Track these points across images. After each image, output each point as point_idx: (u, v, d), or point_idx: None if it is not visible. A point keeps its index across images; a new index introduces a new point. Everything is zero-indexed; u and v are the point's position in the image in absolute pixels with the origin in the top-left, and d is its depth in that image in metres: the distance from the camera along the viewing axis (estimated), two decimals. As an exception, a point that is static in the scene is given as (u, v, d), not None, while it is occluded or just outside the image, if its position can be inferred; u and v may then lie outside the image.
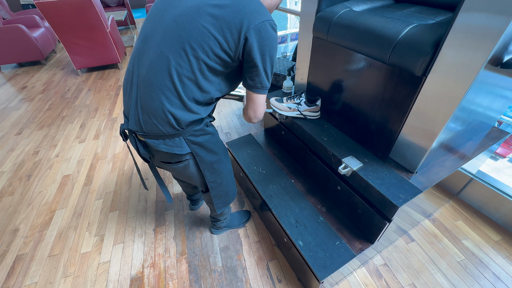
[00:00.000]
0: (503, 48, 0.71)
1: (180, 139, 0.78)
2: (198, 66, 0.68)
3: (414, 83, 0.88)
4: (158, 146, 0.77)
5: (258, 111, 0.83)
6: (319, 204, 1.28)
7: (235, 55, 0.70)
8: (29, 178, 1.88)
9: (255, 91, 0.78)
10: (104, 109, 2.70)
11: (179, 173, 0.91)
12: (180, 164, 0.85)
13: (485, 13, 0.65)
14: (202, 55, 0.67)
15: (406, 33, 0.84)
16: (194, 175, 0.92)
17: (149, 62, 0.70)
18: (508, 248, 1.30)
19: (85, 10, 2.89)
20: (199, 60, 0.68)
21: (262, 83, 0.76)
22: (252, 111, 0.83)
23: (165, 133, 0.75)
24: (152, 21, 0.73)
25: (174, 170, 0.89)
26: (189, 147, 0.81)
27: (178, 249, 1.39)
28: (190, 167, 0.88)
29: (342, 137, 1.22)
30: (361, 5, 1.12)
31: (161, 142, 0.77)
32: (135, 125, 0.76)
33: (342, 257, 1.06)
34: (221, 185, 1.01)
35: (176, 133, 0.76)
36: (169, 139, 0.77)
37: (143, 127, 0.75)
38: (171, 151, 0.79)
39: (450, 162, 1.07)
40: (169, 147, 0.78)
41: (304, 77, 1.42)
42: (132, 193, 1.72)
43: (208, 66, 0.70)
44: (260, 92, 0.78)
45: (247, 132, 2.22)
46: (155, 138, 0.76)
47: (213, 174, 0.95)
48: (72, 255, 1.39)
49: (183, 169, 0.88)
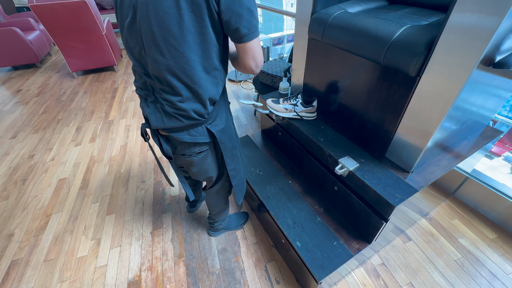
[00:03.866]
0: (495, 49, 0.72)
1: (203, 128, 0.80)
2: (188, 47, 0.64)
3: (409, 83, 0.89)
4: (183, 138, 0.79)
5: (258, 58, 0.71)
6: (316, 204, 1.28)
7: (212, 12, 0.61)
8: (24, 182, 1.86)
9: (246, 39, 0.66)
10: (100, 111, 2.68)
11: (197, 165, 0.92)
12: (200, 155, 0.87)
13: (477, 13, 0.66)
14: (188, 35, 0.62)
15: (400, 34, 0.85)
16: (211, 166, 0.95)
17: (153, 70, 0.70)
18: (503, 246, 1.31)
19: (80, 13, 2.88)
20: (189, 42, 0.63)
21: (249, 26, 0.64)
22: (252, 61, 0.71)
23: (188, 124, 0.76)
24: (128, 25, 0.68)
25: (193, 163, 0.90)
26: (215, 134, 0.82)
27: (175, 252, 1.38)
28: (208, 158, 0.91)
29: (339, 137, 1.22)
30: (355, 6, 1.13)
31: (185, 133, 0.79)
32: (157, 123, 0.77)
33: (340, 257, 1.06)
34: (239, 172, 1.04)
35: (199, 122, 0.77)
36: (192, 129, 0.79)
37: (165, 123, 0.76)
38: (196, 140, 0.80)
39: (445, 161, 1.08)
40: (193, 137, 0.80)
41: (300, 78, 1.43)
42: (129, 196, 1.71)
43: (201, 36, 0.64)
44: (252, 37, 0.67)
45: (244, 133, 2.22)
46: (179, 130, 0.78)
47: (233, 161, 0.97)
48: (68, 259, 1.37)
49: (201, 161, 0.90)
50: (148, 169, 1.90)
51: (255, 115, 2.48)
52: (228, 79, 3.16)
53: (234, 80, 3.12)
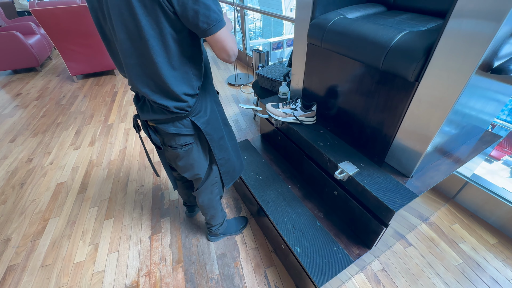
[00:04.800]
0: (493, 54, 0.72)
1: (188, 121, 0.83)
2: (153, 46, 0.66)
3: (408, 88, 0.89)
4: (168, 129, 0.83)
5: (227, 48, 0.70)
6: (316, 209, 1.28)
7: (168, 13, 0.62)
8: (22, 186, 1.84)
9: (209, 33, 0.66)
10: (99, 115, 2.68)
11: (183, 158, 0.94)
12: (185, 148, 0.90)
13: (475, 19, 0.67)
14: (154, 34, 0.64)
15: (398, 40, 0.86)
16: (196, 161, 0.96)
17: (129, 73, 0.73)
18: (504, 251, 1.31)
19: (81, 17, 2.90)
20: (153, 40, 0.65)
21: (208, 20, 0.63)
22: (222, 51, 0.71)
23: (172, 116, 0.80)
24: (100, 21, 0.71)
25: (178, 156, 0.92)
26: (199, 127, 0.85)
27: (174, 257, 1.36)
28: (194, 152, 0.93)
29: (338, 142, 1.22)
30: (354, 12, 1.14)
31: (170, 125, 0.82)
32: (145, 115, 0.82)
33: (340, 263, 1.05)
34: (228, 161, 1.05)
35: (182, 115, 0.81)
36: (178, 122, 0.82)
37: (152, 115, 0.80)
38: (180, 132, 0.84)
39: (445, 166, 1.08)
40: (178, 128, 0.83)
41: (300, 82, 1.43)
42: (127, 200, 1.70)
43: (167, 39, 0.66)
44: (214, 31, 0.65)
45: (244, 137, 2.22)
46: (164, 122, 0.82)
47: (221, 151, 0.99)
48: (65, 265, 1.35)
49: (187, 154, 0.92)
50: (147, 173, 1.90)
51: (255, 119, 2.48)
52: (228, 83, 3.17)
53: (233, 84, 3.13)
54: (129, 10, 0.60)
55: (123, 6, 0.60)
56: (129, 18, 0.61)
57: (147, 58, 0.67)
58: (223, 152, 1.01)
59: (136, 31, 0.63)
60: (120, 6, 0.60)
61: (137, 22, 0.61)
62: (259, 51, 2.51)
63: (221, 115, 0.98)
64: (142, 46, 0.65)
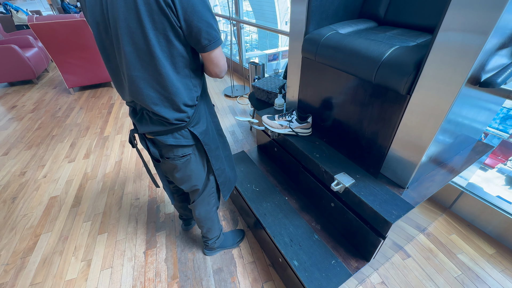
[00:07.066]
0: (481, 68, 0.75)
1: (186, 131, 0.84)
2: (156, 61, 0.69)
3: (400, 101, 0.91)
4: (167, 141, 0.83)
5: (220, 64, 0.78)
6: (313, 221, 1.27)
7: (174, 26, 0.65)
8: (14, 200, 1.80)
9: (208, 49, 0.71)
10: (95, 127, 2.67)
11: (181, 170, 0.93)
12: (183, 159, 0.90)
13: (462, 33, 0.69)
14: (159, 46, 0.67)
15: (389, 55, 0.88)
16: (194, 172, 0.97)
17: (128, 84, 0.74)
18: (503, 261, 1.30)
19: (79, 31, 2.94)
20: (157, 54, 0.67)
21: (209, 37, 0.69)
22: (215, 67, 0.78)
23: (171, 128, 0.80)
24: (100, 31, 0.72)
25: (176, 167, 0.92)
26: (198, 137, 0.86)
27: (169, 273, 1.33)
28: (192, 163, 0.93)
29: (334, 153, 1.23)
30: (346, 27, 1.18)
31: (170, 136, 0.83)
32: (143, 128, 0.82)
33: (338, 276, 1.04)
34: (224, 171, 1.06)
35: (181, 125, 0.81)
36: (176, 133, 0.83)
37: (151, 127, 0.81)
38: (179, 143, 0.84)
39: (439, 177, 1.09)
40: (177, 139, 0.84)
41: (295, 94, 1.45)
42: (122, 214, 1.67)
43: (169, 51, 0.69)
44: (213, 47, 0.72)
45: (240, 149, 2.22)
46: (163, 134, 0.82)
47: (218, 161, 1.01)
48: (56, 282, 1.31)
49: (185, 165, 0.92)
50: (143, 186, 1.87)
51: (251, 130, 2.49)
52: (224, 95, 3.20)
53: (230, 95, 3.16)
54: (138, 24, 0.62)
55: (132, 20, 0.62)
56: (137, 31, 0.63)
57: (153, 70, 0.69)
58: (219, 163, 1.02)
59: (144, 44, 0.65)
60: (128, 19, 0.62)
61: (145, 35, 0.63)
62: (255, 64, 2.55)
63: (216, 126, 1.00)
64: (149, 58, 0.67)
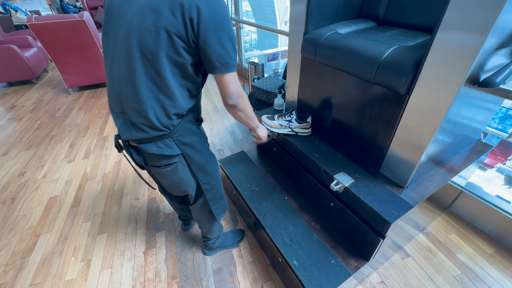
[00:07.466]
0: (480, 67, 0.75)
1: (170, 141, 0.81)
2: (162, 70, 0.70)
3: (399, 101, 0.91)
4: (150, 149, 0.80)
5: (228, 91, 0.74)
6: (313, 221, 1.27)
7: (189, 38, 0.67)
8: (13, 200, 1.80)
9: (217, 72, 0.71)
10: (95, 127, 2.67)
11: (168, 177, 0.91)
12: (169, 167, 0.87)
13: (461, 32, 0.69)
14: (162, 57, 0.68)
15: (388, 55, 0.88)
16: (183, 180, 0.94)
17: (122, 77, 0.73)
18: (502, 260, 1.30)
19: (78, 31, 2.93)
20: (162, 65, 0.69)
21: (222, 61, 0.69)
22: (222, 93, 0.76)
23: (154, 135, 0.78)
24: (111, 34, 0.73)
25: (163, 175, 0.90)
26: (179, 148, 0.84)
27: (169, 273, 1.33)
28: (179, 170, 0.90)
29: (333, 153, 1.23)
30: (345, 28, 1.18)
31: (153, 145, 0.80)
32: (125, 134, 0.80)
33: (338, 276, 1.04)
34: (215, 187, 1.03)
35: (166, 133, 0.79)
36: (160, 141, 0.80)
37: (133, 134, 0.78)
38: (162, 152, 0.81)
39: (438, 176, 1.09)
40: (160, 149, 0.81)
41: (295, 94, 1.46)
42: (122, 214, 1.67)
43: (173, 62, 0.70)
44: (222, 71, 0.71)
45: (240, 149, 2.22)
46: (146, 142, 0.80)
47: (206, 176, 0.97)
48: (55, 283, 1.31)
49: (172, 173, 0.89)
50: (143, 186, 1.87)
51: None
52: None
53: (229, 95, 3.15)
54: (154, 24, 0.64)
55: (149, 18, 0.64)
56: (151, 29, 0.64)
57: (153, 70, 0.69)
58: (208, 177, 0.98)
59: (153, 44, 0.66)
60: (150, 31, 0.64)
61: (158, 35, 0.64)
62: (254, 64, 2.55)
63: (202, 141, 0.95)
64: (152, 57, 0.68)
